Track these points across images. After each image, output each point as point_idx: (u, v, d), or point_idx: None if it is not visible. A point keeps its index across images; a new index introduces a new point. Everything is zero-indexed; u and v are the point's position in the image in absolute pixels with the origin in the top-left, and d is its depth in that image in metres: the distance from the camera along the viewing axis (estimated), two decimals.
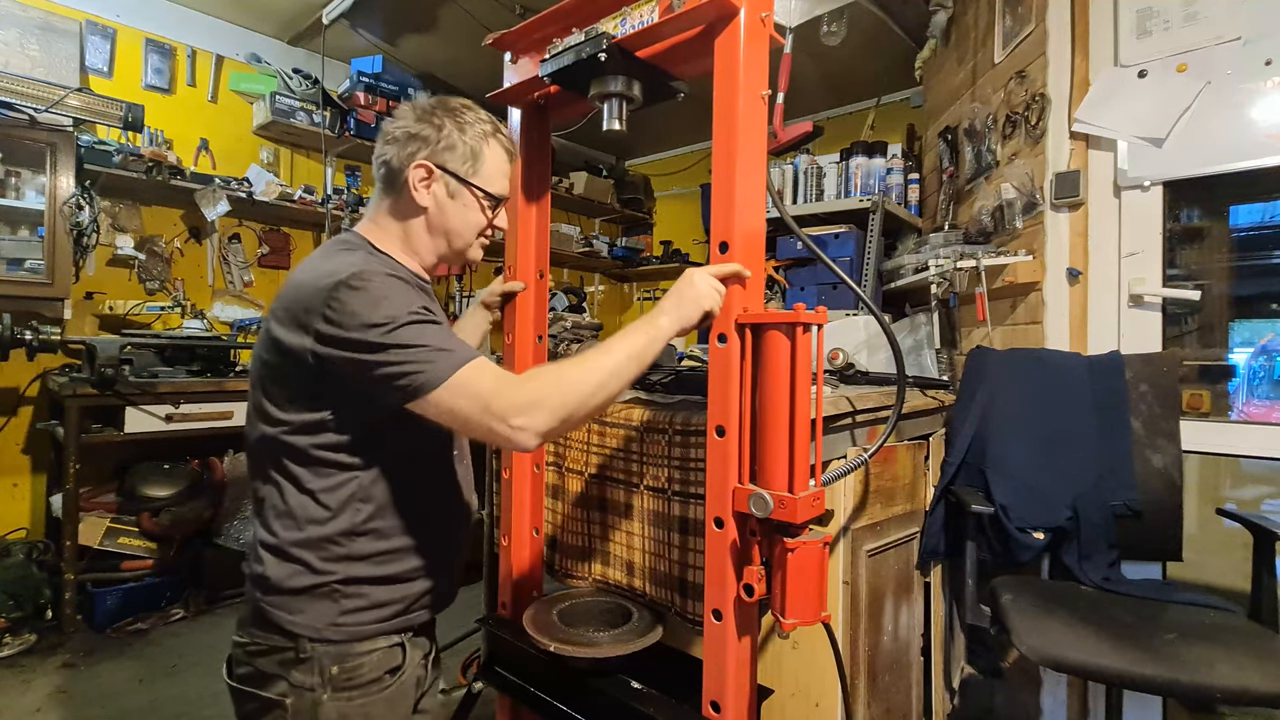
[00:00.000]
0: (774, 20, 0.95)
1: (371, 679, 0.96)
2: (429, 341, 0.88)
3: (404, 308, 0.89)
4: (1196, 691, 1.10)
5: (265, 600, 0.94)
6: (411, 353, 0.87)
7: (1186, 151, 1.64)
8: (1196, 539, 1.68)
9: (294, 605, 0.93)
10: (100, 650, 2.24)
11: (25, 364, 2.53)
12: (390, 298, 0.89)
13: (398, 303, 0.89)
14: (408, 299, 0.91)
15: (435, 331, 0.90)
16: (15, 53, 2.51)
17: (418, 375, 0.86)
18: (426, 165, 1.02)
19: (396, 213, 1.05)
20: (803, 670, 1.36)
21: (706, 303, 0.95)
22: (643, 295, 5.06)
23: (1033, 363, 1.74)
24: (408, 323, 0.88)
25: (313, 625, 0.93)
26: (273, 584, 0.94)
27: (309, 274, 0.94)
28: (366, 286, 0.89)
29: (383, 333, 0.87)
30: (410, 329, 0.88)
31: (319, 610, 0.93)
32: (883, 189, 2.65)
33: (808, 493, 0.87)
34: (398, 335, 0.87)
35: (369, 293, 0.88)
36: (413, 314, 0.89)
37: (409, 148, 1.02)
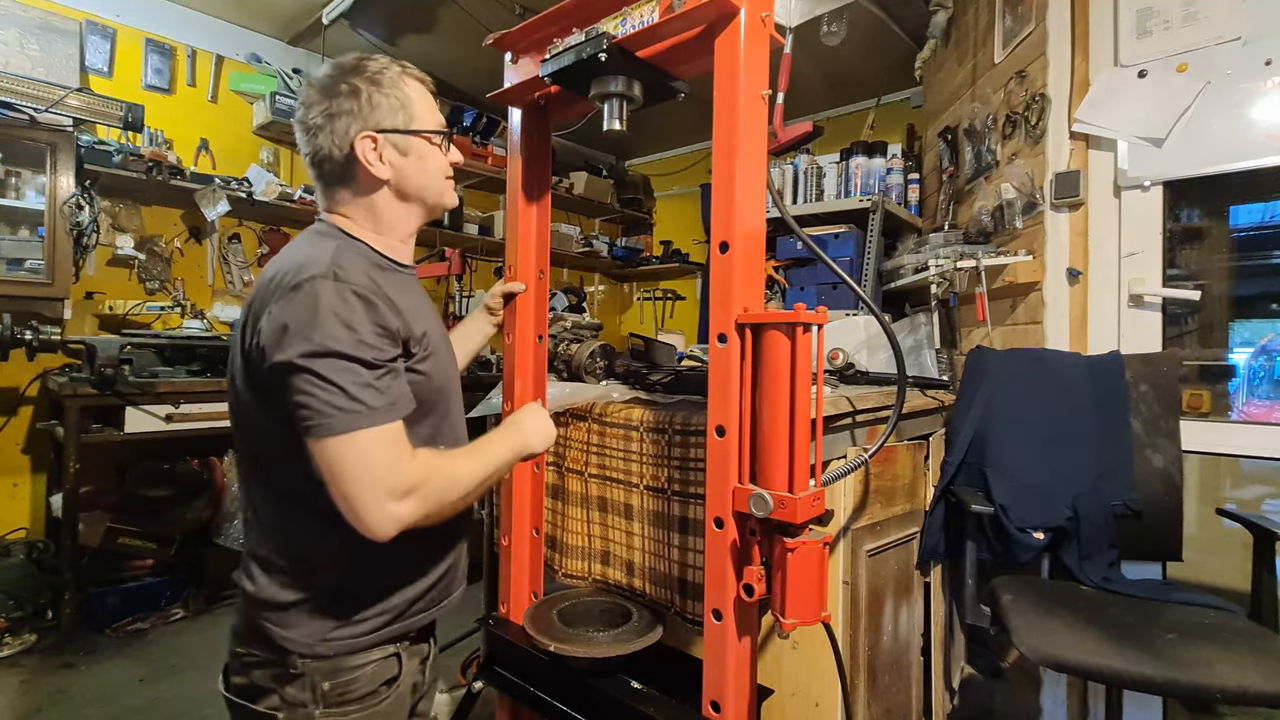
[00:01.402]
0: (774, 20, 0.95)
1: (366, 693, 0.93)
2: (346, 385, 0.81)
3: (346, 337, 0.82)
4: (1196, 691, 1.10)
5: (256, 615, 0.91)
6: (324, 390, 0.80)
7: (1186, 151, 1.64)
8: (1196, 539, 1.68)
9: (284, 620, 0.90)
10: (100, 650, 2.24)
11: (25, 364, 2.53)
12: (338, 316, 0.82)
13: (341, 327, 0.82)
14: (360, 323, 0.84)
15: (362, 375, 0.83)
16: (15, 53, 2.51)
17: (317, 416, 0.80)
18: (370, 135, 0.95)
19: (359, 195, 0.99)
20: (803, 670, 1.36)
21: (536, 444, 1.04)
22: (642, 295, 5.06)
23: (1033, 363, 1.74)
24: (337, 354, 0.81)
25: (303, 641, 0.89)
26: (262, 598, 0.91)
27: (279, 265, 0.90)
28: (317, 296, 0.82)
29: (305, 356, 0.80)
30: (335, 363, 0.81)
31: (310, 625, 0.90)
32: (883, 189, 2.65)
33: (808, 493, 0.87)
34: (320, 364, 0.80)
35: (317, 304, 0.82)
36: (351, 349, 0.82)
37: (340, 126, 0.95)
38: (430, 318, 1.02)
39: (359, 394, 0.81)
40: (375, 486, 0.80)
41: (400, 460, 0.83)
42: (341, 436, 0.80)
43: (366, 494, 0.80)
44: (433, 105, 1.04)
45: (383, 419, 0.83)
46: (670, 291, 4.88)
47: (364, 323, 0.84)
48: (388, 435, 0.83)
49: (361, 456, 0.80)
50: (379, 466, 0.81)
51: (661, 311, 4.92)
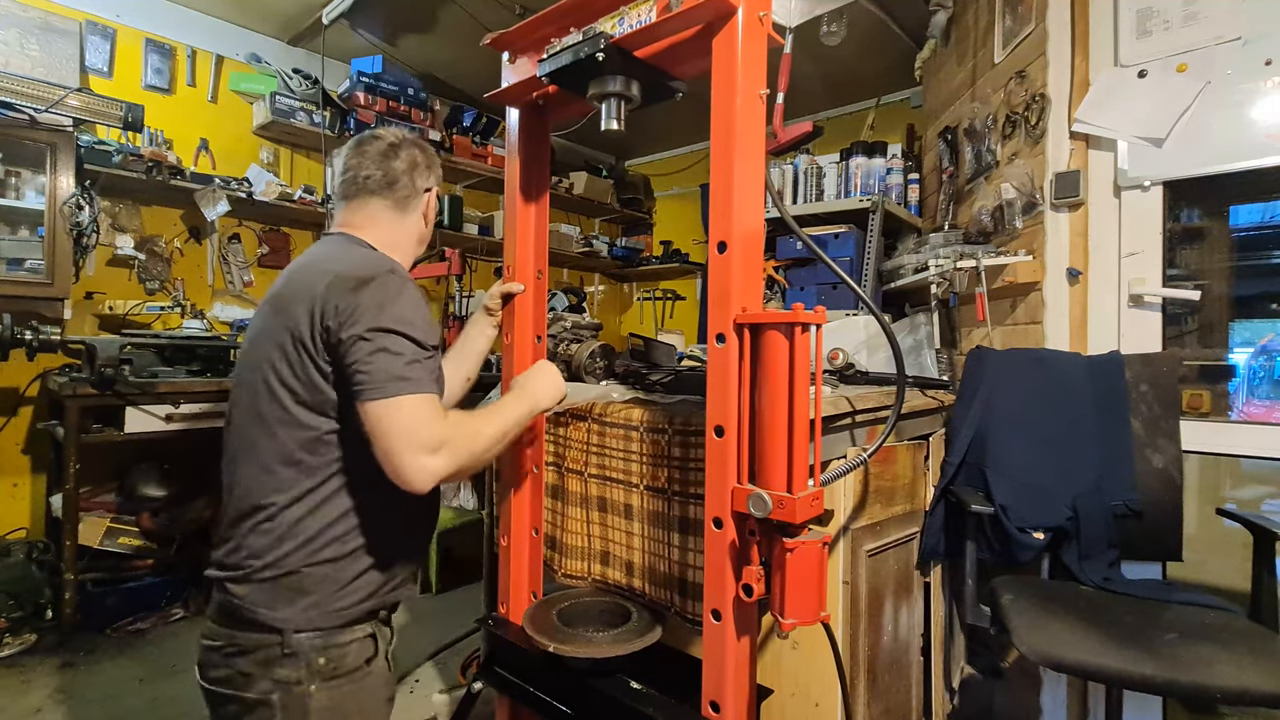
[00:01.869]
0: (773, 20, 0.95)
1: (355, 667, 1.00)
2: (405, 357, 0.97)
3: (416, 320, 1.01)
4: (1196, 691, 1.10)
5: (239, 599, 0.97)
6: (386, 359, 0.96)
7: (1186, 151, 1.64)
8: (1196, 539, 1.68)
9: (275, 599, 0.96)
10: (100, 650, 2.24)
11: (25, 364, 2.53)
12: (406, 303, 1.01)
13: (412, 311, 1.01)
14: (423, 313, 1.03)
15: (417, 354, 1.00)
16: (15, 53, 2.51)
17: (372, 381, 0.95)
18: (435, 194, 1.25)
19: (395, 223, 1.20)
20: (802, 670, 1.36)
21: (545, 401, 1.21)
22: (642, 295, 5.06)
23: (1033, 363, 1.74)
24: (403, 334, 0.98)
25: (298, 617, 0.95)
26: (253, 580, 0.97)
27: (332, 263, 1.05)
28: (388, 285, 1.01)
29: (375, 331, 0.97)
30: (402, 341, 0.98)
31: (297, 601, 0.97)
32: (883, 189, 2.65)
33: (807, 493, 0.87)
34: (387, 340, 0.97)
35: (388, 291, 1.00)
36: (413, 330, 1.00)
37: (431, 177, 1.24)
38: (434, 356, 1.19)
39: (410, 369, 0.97)
40: (413, 441, 0.94)
41: (434, 421, 0.97)
42: (390, 400, 0.95)
43: (405, 448, 0.93)
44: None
45: (425, 389, 0.98)
46: (670, 291, 4.88)
47: (423, 312, 1.04)
48: (426, 402, 0.97)
49: (405, 418, 0.95)
50: (417, 426, 0.95)
51: (661, 311, 4.92)
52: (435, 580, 2.80)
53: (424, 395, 0.97)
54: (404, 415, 0.94)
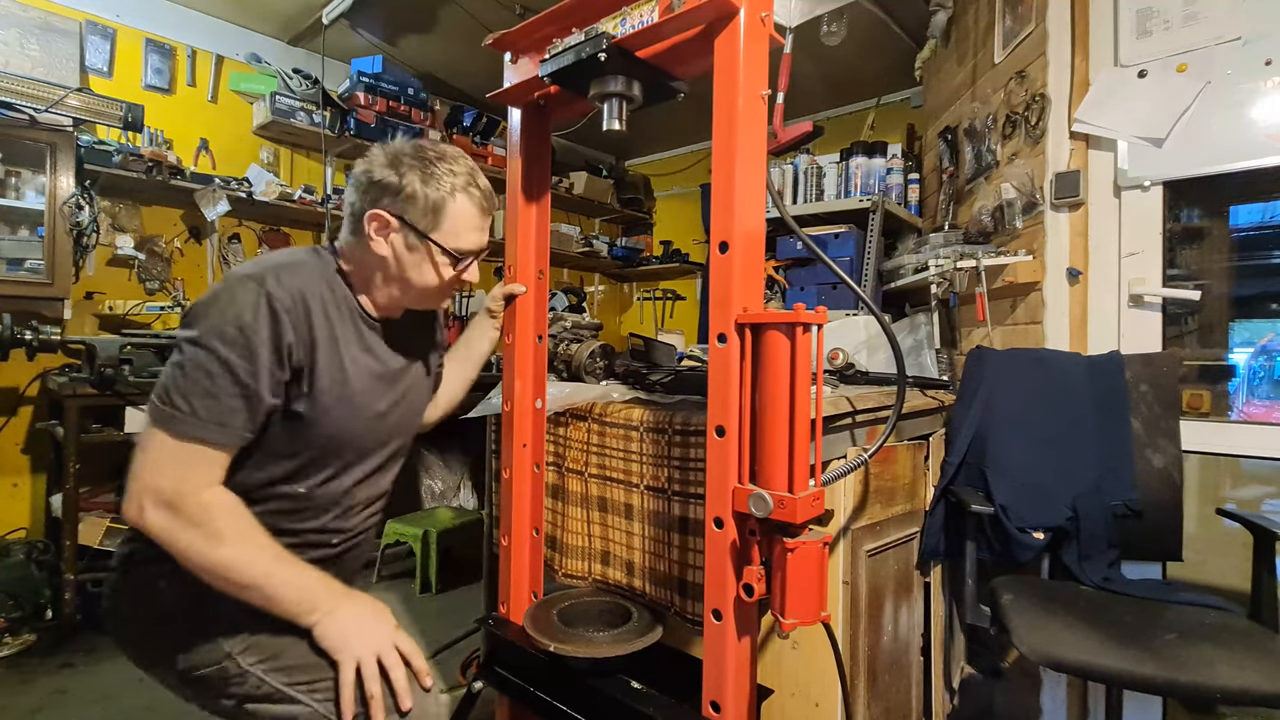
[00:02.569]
0: (774, 20, 0.95)
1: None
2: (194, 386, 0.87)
3: (232, 344, 0.88)
4: (1196, 691, 1.10)
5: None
6: (181, 380, 0.88)
7: (1186, 151, 1.64)
8: (1196, 539, 1.68)
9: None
10: (100, 650, 2.24)
11: (25, 364, 2.53)
12: (230, 314, 0.89)
13: (234, 329, 0.88)
14: (255, 334, 0.89)
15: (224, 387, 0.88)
16: (15, 53, 2.50)
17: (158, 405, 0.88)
18: (381, 216, 1.02)
19: (358, 252, 1.06)
20: (803, 670, 1.36)
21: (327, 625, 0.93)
22: (642, 295, 5.06)
23: (1033, 363, 1.74)
24: (211, 353, 0.87)
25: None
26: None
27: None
28: (219, 296, 0.90)
29: (186, 339, 0.89)
30: (205, 358, 0.87)
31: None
32: (883, 189, 2.65)
33: (807, 493, 0.87)
34: (191, 354, 0.88)
35: (218, 301, 0.90)
36: (228, 356, 0.88)
37: (370, 194, 1.02)
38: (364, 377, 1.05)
39: (197, 401, 0.87)
40: (147, 483, 0.87)
41: (186, 480, 0.87)
42: (155, 430, 0.87)
43: (135, 485, 0.87)
44: (476, 225, 1.09)
45: (198, 434, 0.88)
46: (670, 291, 4.88)
47: (262, 335, 0.90)
48: (190, 452, 0.88)
49: (156, 454, 0.87)
50: (161, 470, 0.87)
51: (661, 311, 4.92)
52: (435, 580, 2.80)
53: (188, 445, 0.87)
54: (156, 451, 0.87)
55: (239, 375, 0.89)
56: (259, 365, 0.90)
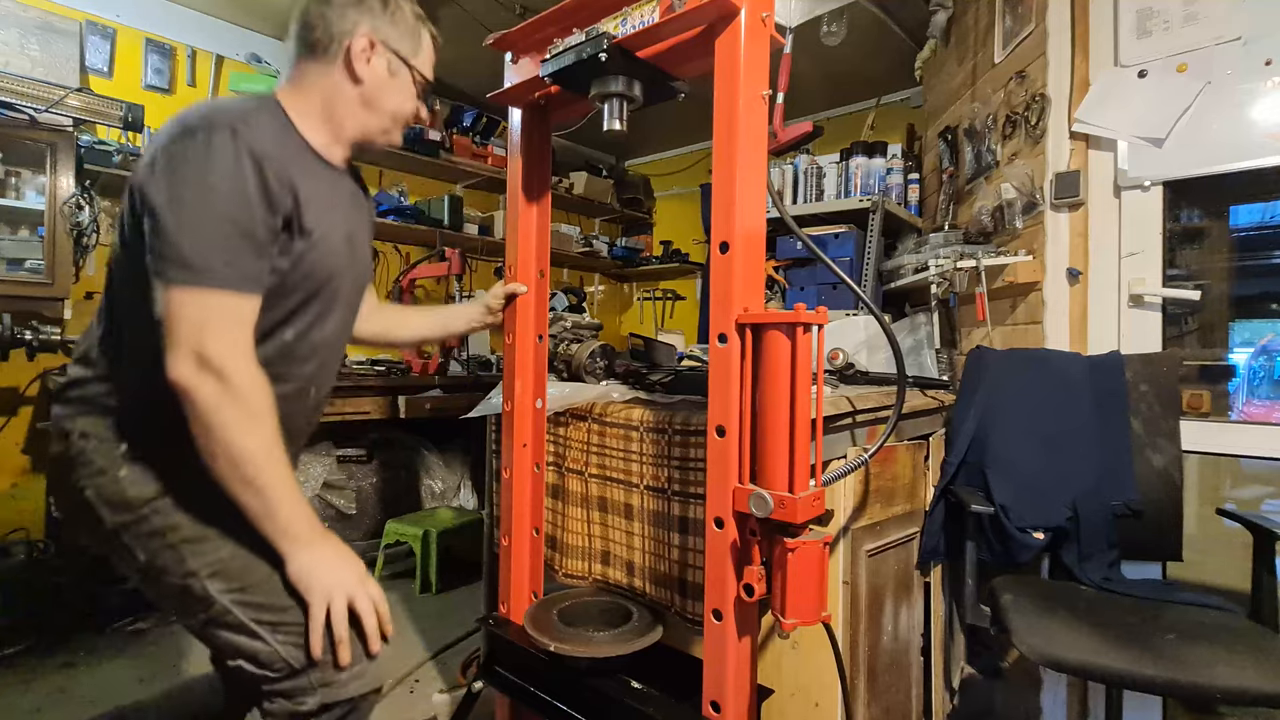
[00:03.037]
0: (774, 20, 0.95)
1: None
2: (217, 237, 0.84)
3: (229, 197, 0.85)
4: (1196, 691, 1.10)
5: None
6: (195, 237, 0.84)
7: (1186, 151, 1.64)
8: (1196, 539, 1.68)
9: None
10: (100, 650, 2.24)
11: (25, 364, 2.53)
12: (219, 168, 0.85)
13: (226, 185, 0.85)
14: (243, 188, 0.87)
15: (238, 239, 0.86)
16: (15, 53, 2.50)
17: (181, 266, 0.83)
18: (371, 38, 1.01)
19: (323, 80, 1.02)
20: (803, 670, 1.36)
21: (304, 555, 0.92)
22: (642, 295, 5.06)
23: (1033, 363, 1.74)
24: (211, 208, 0.84)
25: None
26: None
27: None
28: (198, 150, 0.85)
29: (175, 196, 0.84)
30: (208, 214, 0.84)
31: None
32: (883, 189, 2.65)
33: (808, 493, 0.87)
34: (194, 211, 0.84)
35: (199, 156, 0.85)
36: (228, 210, 0.85)
37: (351, 15, 1.00)
38: (337, 219, 1.04)
39: (218, 255, 0.84)
40: (195, 346, 0.83)
41: (236, 344, 0.86)
42: (187, 290, 0.83)
43: (183, 348, 0.84)
44: (431, 61, 1.11)
45: (233, 286, 0.86)
46: (670, 291, 4.88)
47: (253, 185, 0.87)
48: (230, 308, 0.86)
49: (198, 313, 0.84)
50: (209, 332, 0.84)
51: (661, 311, 4.92)
52: (435, 580, 2.80)
53: (226, 295, 0.85)
54: (199, 311, 0.84)
55: (247, 226, 0.87)
56: (257, 215, 0.88)
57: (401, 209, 3.57)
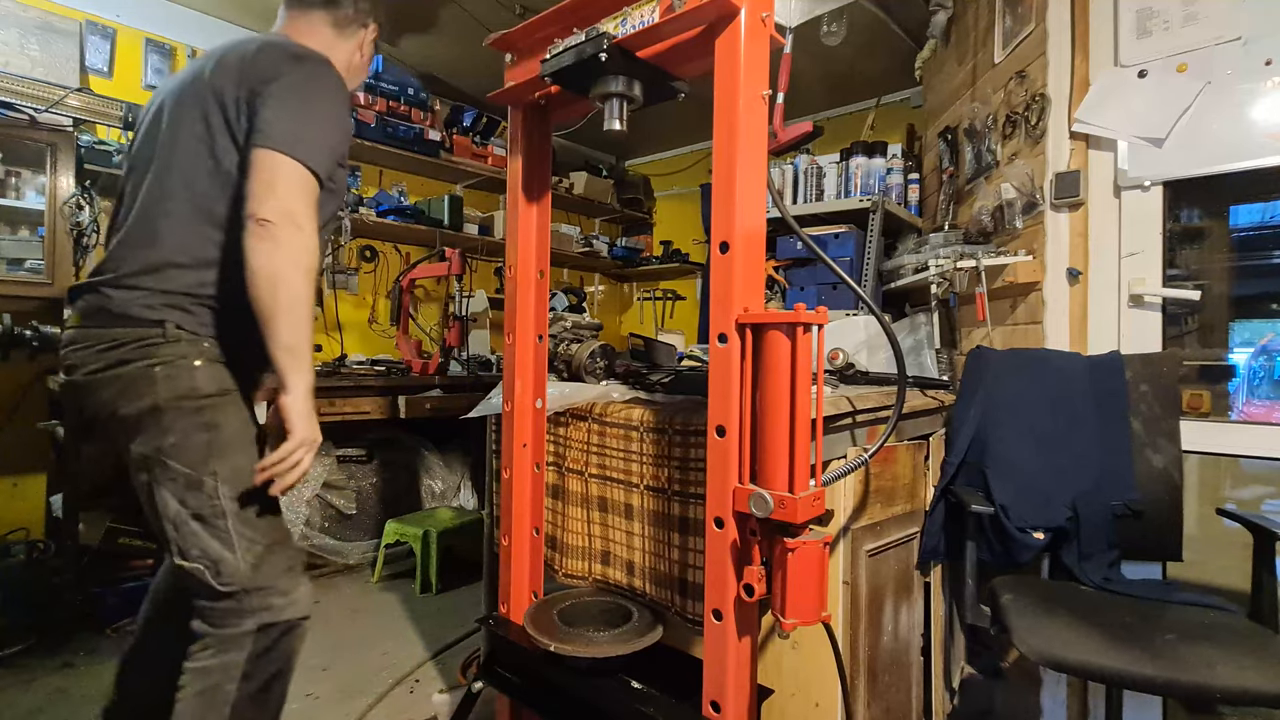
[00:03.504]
0: (774, 20, 0.95)
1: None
2: (325, 138, 1.13)
3: (341, 100, 1.19)
4: (1196, 691, 1.10)
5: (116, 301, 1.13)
6: (308, 120, 1.12)
7: (1186, 151, 1.64)
8: (1196, 539, 1.68)
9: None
10: (100, 650, 2.24)
11: (25, 364, 2.53)
12: (331, 81, 1.18)
13: (339, 92, 1.19)
14: (345, 96, 1.21)
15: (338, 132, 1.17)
16: (15, 53, 2.50)
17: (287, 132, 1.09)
18: (378, 30, 1.40)
19: (331, 42, 1.32)
20: (803, 670, 1.36)
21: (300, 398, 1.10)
22: (643, 295, 5.06)
23: (1033, 363, 1.74)
24: (329, 102, 1.16)
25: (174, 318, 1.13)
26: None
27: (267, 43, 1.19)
28: (316, 67, 1.17)
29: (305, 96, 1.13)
30: (324, 106, 1.15)
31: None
32: (883, 189, 2.65)
33: (808, 493, 0.87)
34: (318, 103, 1.14)
35: (319, 70, 1.17)
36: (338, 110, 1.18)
37: (364, 6, 1.35)
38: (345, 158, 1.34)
39: (323, 141, 1.12)
40: (288, 204, 1.06)
41: (310, 207, 1.10)
42: (293, 160, 1.08)
43: (277, 202, 1.06)
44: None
45: (323, 169, 1.12)
46: (670, 291, 4.88)
47: (346, 114, 1.22)
48: (311, 184, 1.11)
49: (299, 179, 1.09)
50: (296, 195, 1.08)
51: (661, 311, 4.92)
52: (435, 580, 2.81)
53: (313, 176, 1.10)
54: (298, 176, 1.09)
55: (340, 143, 1.18)
56: (345, 138, 1.20)
57: (401, 209, 3.57)
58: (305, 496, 2.83)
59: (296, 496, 2.80)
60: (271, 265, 1.05)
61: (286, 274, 1.05)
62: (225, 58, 1.17)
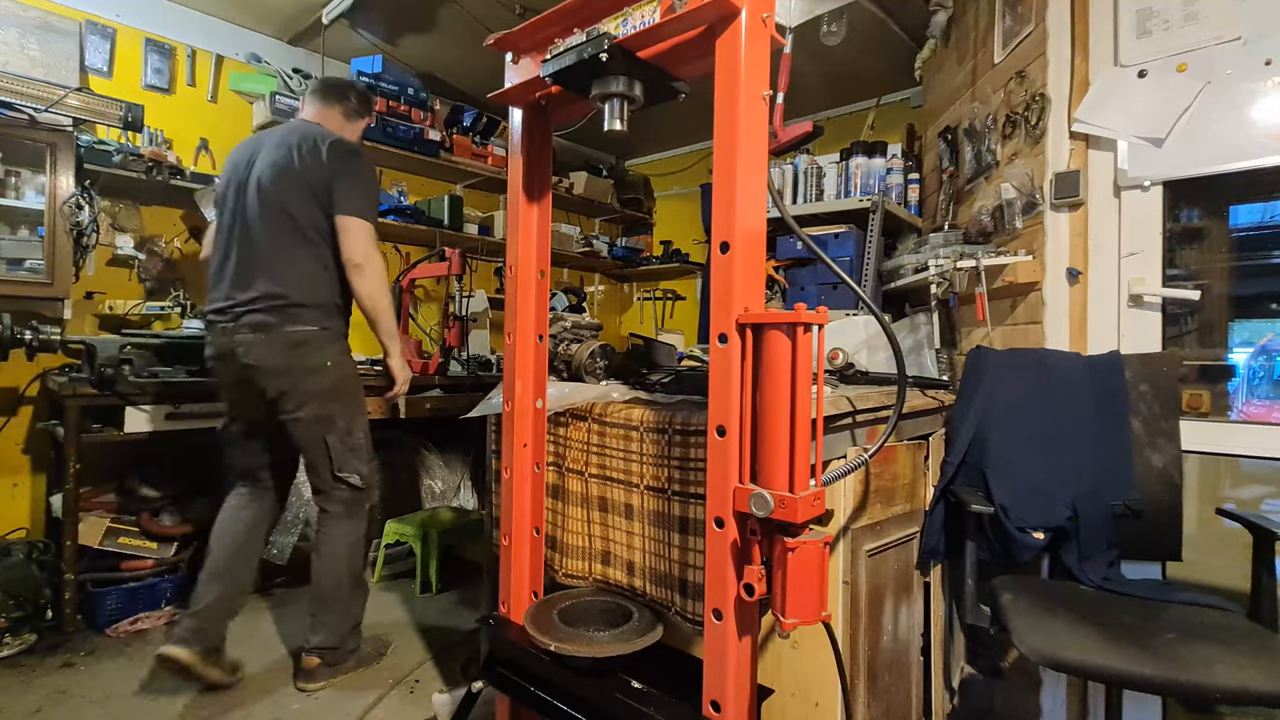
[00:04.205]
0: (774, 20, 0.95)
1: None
2: (373, 205, 1.99)
3: (374, 191, 2.05)
4: (1196, 691, 1.10)
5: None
6: (366, 195, 1.96)
7: (1186, 151, 1.64)
8: (1196, 539, 1.68)
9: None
10: (100, 650, 2.24)
11: (25, 364, 2.53)
12: (370, 170, 2.03)
13: (373, 186, 2.04)
14: (375, 190, 2.10)
15: (374, 206, 2.01)
16: (15, 53, 2.50)
17: (358, 205, 1.92)
18: (371, 118, 2.26)
19: (343, 126, 2.09)
20: (803, 670, 1.36)
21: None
22: (642, 295, 5.06)
23: (1033, 363, 1.75)
24: (372, 184, 2.03)
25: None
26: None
27: (311, 129, 1.98)
28: (360, 157, 1.99)
29: (361, 181, 1.96)
30: (370, 188, 2.00)
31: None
32: (883, 189, 2.65)
33: (808, 492, 0.87)
34: (366, 186, 1.98)
35: (362, 161, 1.99)
36: (375, 198, 2.05)
37: (370, 104, 2.21)
38: None
39: (372, 211, 1.98)
40: (369, 253, 1.93)
41: (378, 252, 1.97)
42: (365, 221, 1.93)
43: (361, 256, 1.92)
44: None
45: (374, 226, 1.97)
46: (670, 291, 4.88)
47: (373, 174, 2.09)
48: (374, 235, 1.96)
49: (370, 237, 1.94)
50: (372, 246, 1.95)
51: (661, 311, 4.92)
52: (435, 580, 2.81)
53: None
54: (366, 233, 1.93)
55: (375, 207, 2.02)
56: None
57: (401, 209, 3.57)
58: (305, 496, 2.83)
59: (297, 496, 2.80)
60: (371, 291, 1.93)
61: (376, 296, 1.94)
62: (301, 144, 1.90)
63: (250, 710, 1.89)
